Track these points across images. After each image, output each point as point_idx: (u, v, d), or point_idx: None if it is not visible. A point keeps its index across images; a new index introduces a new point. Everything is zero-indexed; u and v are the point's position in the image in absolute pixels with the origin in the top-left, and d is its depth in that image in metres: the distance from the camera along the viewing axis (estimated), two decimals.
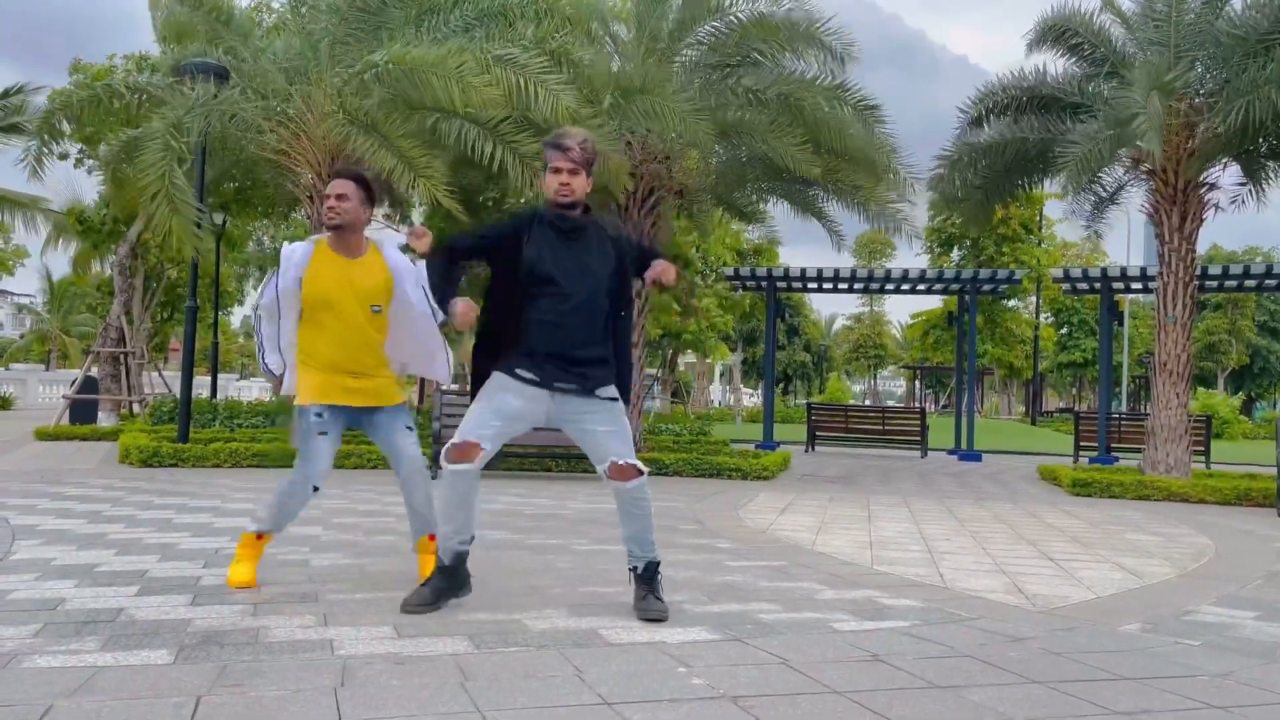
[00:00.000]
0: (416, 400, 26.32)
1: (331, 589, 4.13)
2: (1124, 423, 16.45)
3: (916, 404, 53.94)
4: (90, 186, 19.21)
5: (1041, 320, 45.57)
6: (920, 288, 18.09)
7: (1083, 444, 16.50)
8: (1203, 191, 11.67)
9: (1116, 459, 15.06)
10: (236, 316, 59.67)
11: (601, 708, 2.66)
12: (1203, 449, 15.66)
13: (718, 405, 51.55)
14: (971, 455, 16.71)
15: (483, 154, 10.84)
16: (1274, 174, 12.25)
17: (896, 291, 18.63)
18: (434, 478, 4.05)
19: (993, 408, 63.94)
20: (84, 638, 3.20)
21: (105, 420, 16.68)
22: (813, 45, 11.86)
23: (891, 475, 12.58)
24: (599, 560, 5.12)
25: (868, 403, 63.90)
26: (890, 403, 73.16)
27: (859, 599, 4.34)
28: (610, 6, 14.36)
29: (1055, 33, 12.21)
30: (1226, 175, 12.51)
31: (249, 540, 4.12)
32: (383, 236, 4.28)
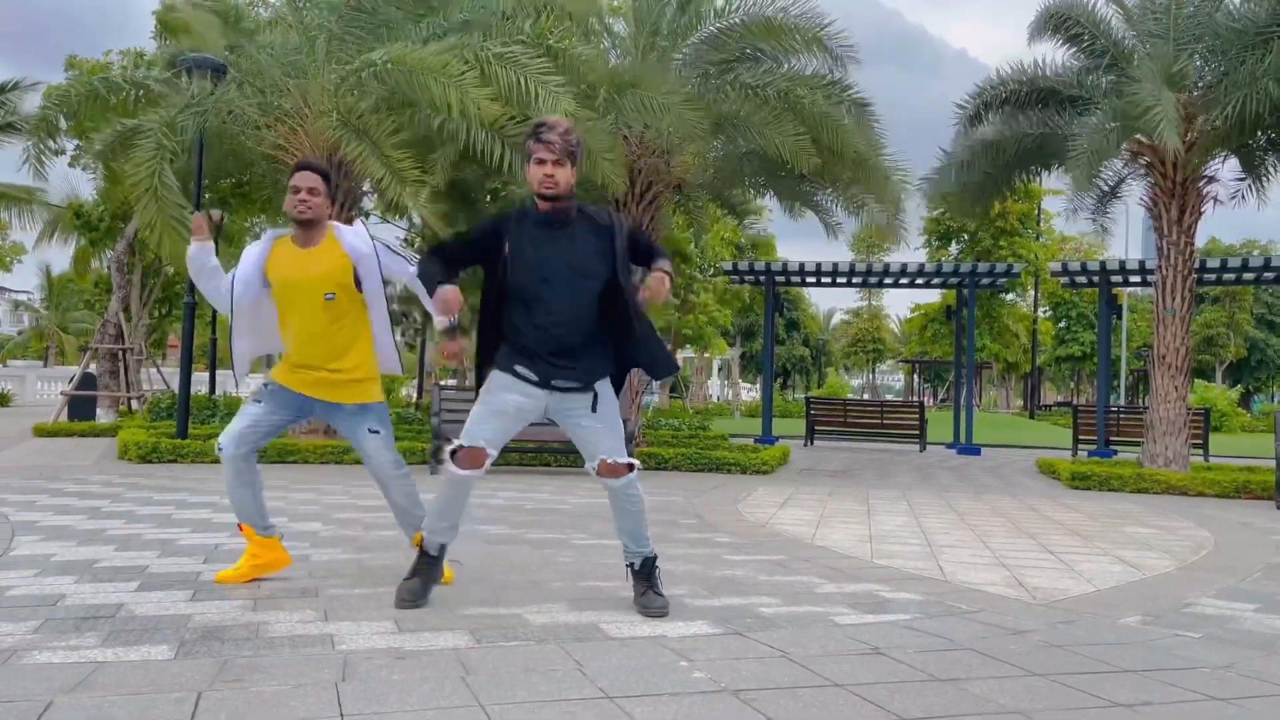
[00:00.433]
0: (416, 395, 26.30)
1: (332, 584, 4.13)
2: (1122, 416, 16.46)
3: (915, 398, 53.97)
4: (87, 183, 19.08)
5: (1039, 314, 45.53)
6: (919, 282, 18.10)
7: (1081, 437, 16.52)
8: (1201, 185, 11.67)
9: (1115, 452, 15.07)
10: None
11: (603, 702, 2.66)
12: (1201, 442, 15.69)
13: (716, 400, 51.52)
14: (970, 449, 16.73)
15: (486, 154, 10.83)
16: (1273, 168, 12.26)
17: (895, 286, 18.64)
18: (434, 472, 4.05)
19: (991, 401, 63.94)
20: (84, 633, 3.20)
21: (104, 417, 16.67)
22: (814, 47, 11.84)
23: (890, 469, 12.59)
24: (599, 555, 5.13)
25: (866, 397, 63.92)
26: (888, 397, 73.20)
27: (859, 592, 4.34)
28: (609, 4, 14.33)
29: (1057, 21, 12.18)
30: (1225, 169, 12.49)
31: (247, 534, 4.13)
32: (361, 228, 4.23)
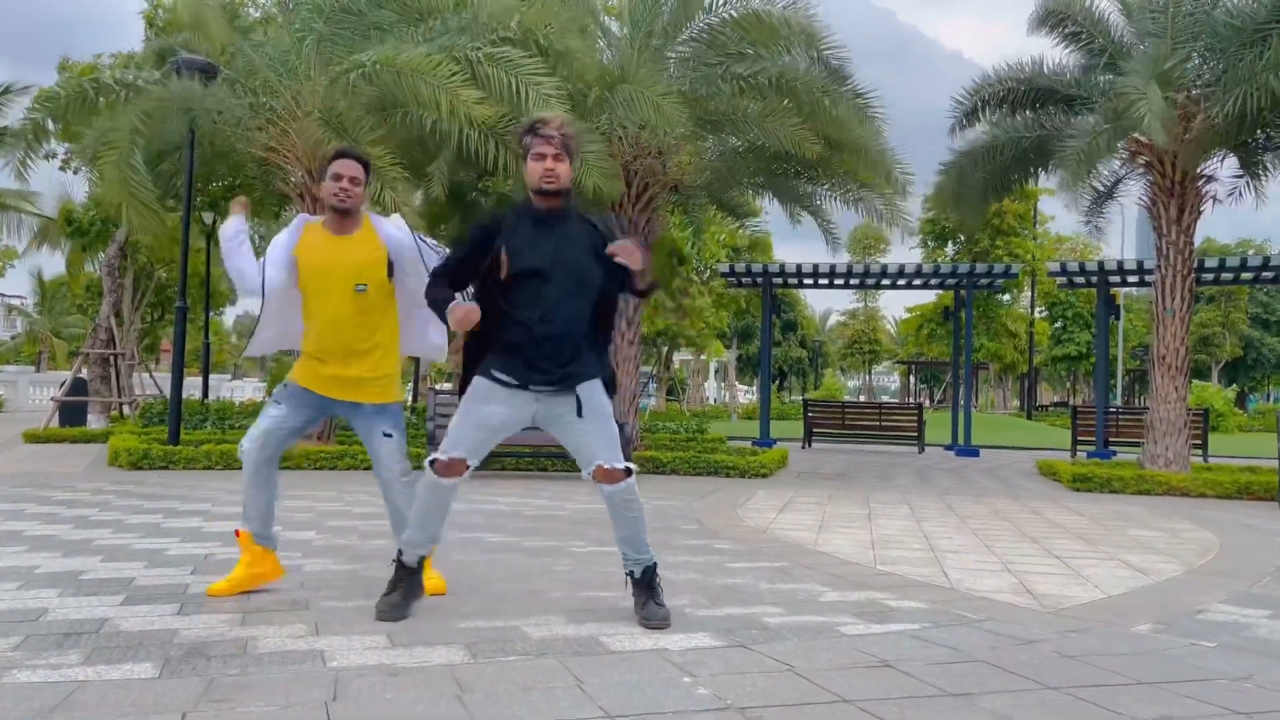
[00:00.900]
0: (411, 399, 26.17)
1: (323, 596, 4.02)
2: (1121, 417, 16.39)
3: (913, 399, 53.95)
4: (79, 187, 18.98)
5: (1035, 314, 45.52)
6: (916, 283, 18.02)
7: (1080, 438, 16.45)
8: (1200, 183, 11.60)
9: (1114, 453, 15.01)
10: (228, 316, 59.43)
11: None
12: (1200, 443, 15.62)
13: (713, 402, 51.42)
14: (969, 450, 16.64)
15: (479, 154, 10.72)
16: (1271, 166, 12.20)
17: (893, 287, 18.56)
18: (415, 468, 3.94)
19: (988, 402, 63.90)
20: (66, 651, 3.09)
21: (95, 422, 16.50)
22: (808, 48, 11.78)
23: (890, 472, 12.50)
24: (598, 562, 5.02)
25: (862, 398, 63.85)
26: (885, 398, 73.08)
27: (864, 601, 4.24)
28: (603, 2, 14.22)
29: (1055, 18, 12.10)
30: (1224, 167, 12.42)
31: (244, 541, 4.02)
32: (400, 219, 4.15)
